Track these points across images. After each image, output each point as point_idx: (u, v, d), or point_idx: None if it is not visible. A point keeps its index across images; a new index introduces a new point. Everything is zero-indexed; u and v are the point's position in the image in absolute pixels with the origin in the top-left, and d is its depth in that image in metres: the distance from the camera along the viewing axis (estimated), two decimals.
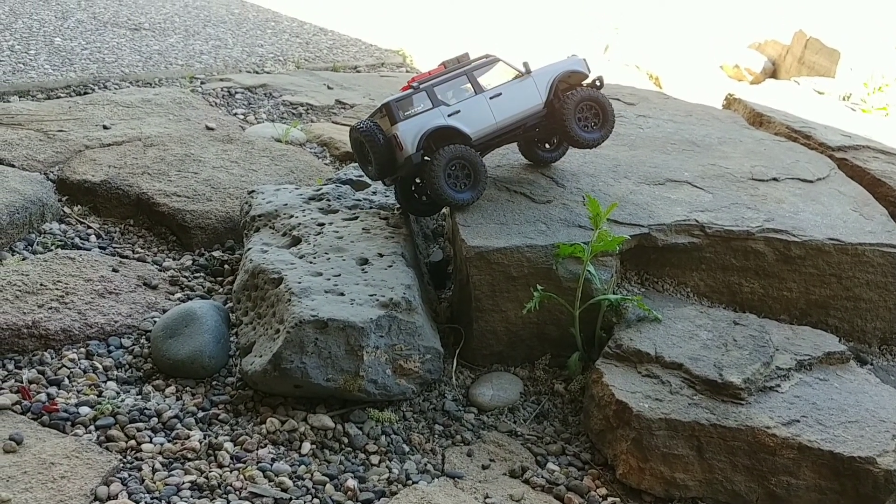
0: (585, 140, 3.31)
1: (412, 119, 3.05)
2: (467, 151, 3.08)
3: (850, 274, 3.27)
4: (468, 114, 3.13)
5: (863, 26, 7.13)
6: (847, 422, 2.62)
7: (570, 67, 3.33)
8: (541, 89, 3.25)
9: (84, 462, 2.43)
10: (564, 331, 3.01)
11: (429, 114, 3.07)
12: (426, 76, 3.20)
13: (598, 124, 3.33)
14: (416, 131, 3.04)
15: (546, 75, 3.27)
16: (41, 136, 4.24)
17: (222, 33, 6.89)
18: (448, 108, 3.10)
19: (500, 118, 3.19)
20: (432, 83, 3.13)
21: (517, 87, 3.22)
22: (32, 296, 3.05)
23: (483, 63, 3.23)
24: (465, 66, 3.21)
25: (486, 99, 3.16)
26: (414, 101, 3.08)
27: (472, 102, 3.15)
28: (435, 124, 3.07)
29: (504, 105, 3.19)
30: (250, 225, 3.35)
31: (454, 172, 3.09)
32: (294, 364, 2.64)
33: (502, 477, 2.64)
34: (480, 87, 3.18)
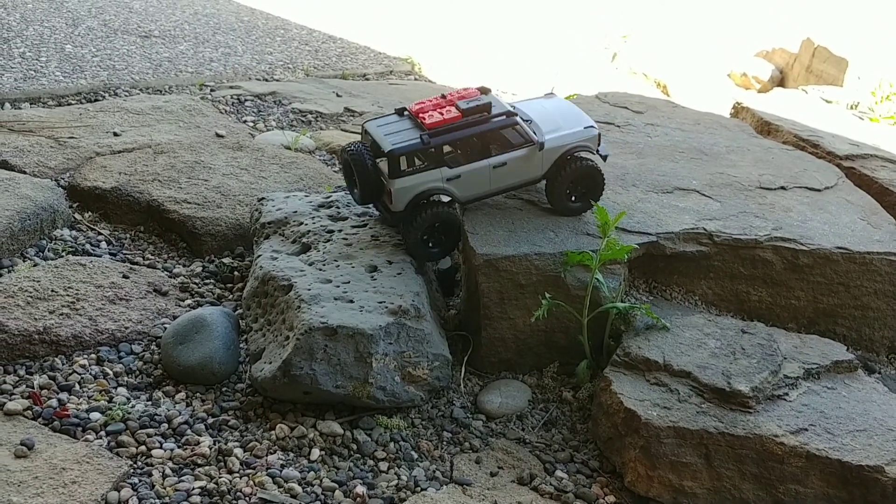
0: (571, 211, 3.20)
1: (410, 177, 2.94)
2: (450, 216, 3.05)
3: (858, 283, 3.27)
4: (467, 180, 3.02)
5: (871, 35, 7.13)
6: (855, 430, 2.62)
7: (582, 141, 3.16)
8: (545, 163, 3.12)
9: (95, 467, 2.44)
10: (573, 338, 3.02)
11: (428, 174, 2.96)
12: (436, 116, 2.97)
13: (586, 195, 3.18)
14: (410, 193, 2.96)
15: (555, 150, 3.11)
16: (52, 142, 4.27)
17: (232, 41, 6.92)
18: (449, 171, 2.99)
19: (496, 185, 3.11)
20: (444, 139, 2.95)
21: (524, 160, 3.08)
22: (43, 302, 3.07)
23: (500, 124, 3.02)
24: (481, 125, 2.98)
25: (489, 168, 3.03)
26: (418, 155, 2.97)
27: (474, 170, 3.02)
28: (431, 188, 2.98)
29: (504, 174, 3.08)
30: (260, 232, 3.37)
31: (433, 232, 3.08)
32: (303, 371, 2.65)
33: (510, 484, 2.65)
34: (488, 152, 3.03)
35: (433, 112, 2.99)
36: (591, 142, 3.18)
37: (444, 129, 2.95)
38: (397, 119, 3.06)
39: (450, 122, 2.96)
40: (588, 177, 3.16)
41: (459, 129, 2.97)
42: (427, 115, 2.98)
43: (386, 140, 2.94)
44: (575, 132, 3.16)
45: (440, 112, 2.99)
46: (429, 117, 2.96)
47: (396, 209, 2.99)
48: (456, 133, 2.96)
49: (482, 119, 3.00)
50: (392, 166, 2.92)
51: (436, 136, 2.93)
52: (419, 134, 2.94)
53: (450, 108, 3.00)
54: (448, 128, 2.96)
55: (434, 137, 2.93)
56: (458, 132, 2.97)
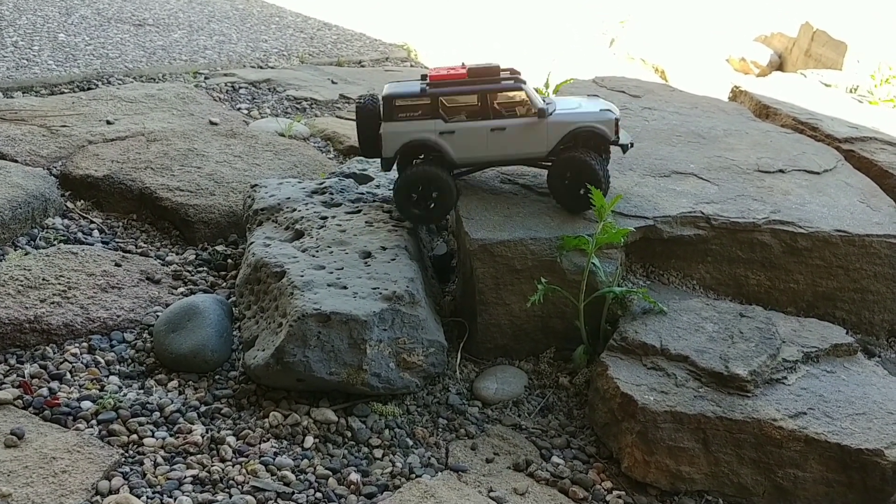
0: (570, 208, 3.11)
1: (402, 123, 2.95)
2: (440, 178, 2.99)
3: (858, 266, 3.24)
4: (461, 138, 2.98)
5: (870, 19, 7.08)
6: (854, 414, 2.59)
7: (592, 123, 3.03)
8: (551, 138, 3.02)
9: (85, 456, 2.42)
10: (569, 324, 2.99)
11: (421, 123, 2.95)
12: (444, 75, 2.99)
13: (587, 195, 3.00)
14: (399, 139, 2.96)
15: (562, 125, 3.01)
16: (44, 131, 4.23)
17: (226, 28, 6.88)
18: (444, 123, 2.96)
19: (494, 152, 3.04)
20: (442, 90, 2.96)
21: (525, 129, 3.00)
22: (35, 290, 3.04)
23: (504, 87, 2.98)
24: (485, 84, 2.96)
25: (487, 130, 2.98)
26: (414, 102, 2.96)
27: (470, 128, 2.97)
28: (421, 137, 2.96)
29: (504, 142, 3.00)
30: (253, 219, 3.34)
31: (421, 192, 3.03)
32: (297, 358, 2.62)
33: (506, 470, 2.62)
34: (488, 113, 2.98)
35: (442, 70, 3.03)
36: (605, 125, 3.04)
37: (444, 82, 2.97)
38: (416, 80, 3.10)
39: (453, 77, 2.98)
40: (586, 172, 3.02)
41: (460, 85, 2.98)
42: (436, 71, 3.03)
43: (389, 88, 2.99)
44: (587, 112, 3.07)
45: (447, 71, 3.02)
46: (435, 72, 3.01)
47: (385, 154, 3.00)
48: (455, 87, 2.98)
49: (487, 80, 2.99)
50: (385, 110, 2.95)
51: (434, 87, 2.96)
52: (421, 85, 2.98)
53: (458, 70, 3.03)
54: (449, 82, 2.98)
55: (433, 88, 2.96)
56: (458, 87, 2.98)
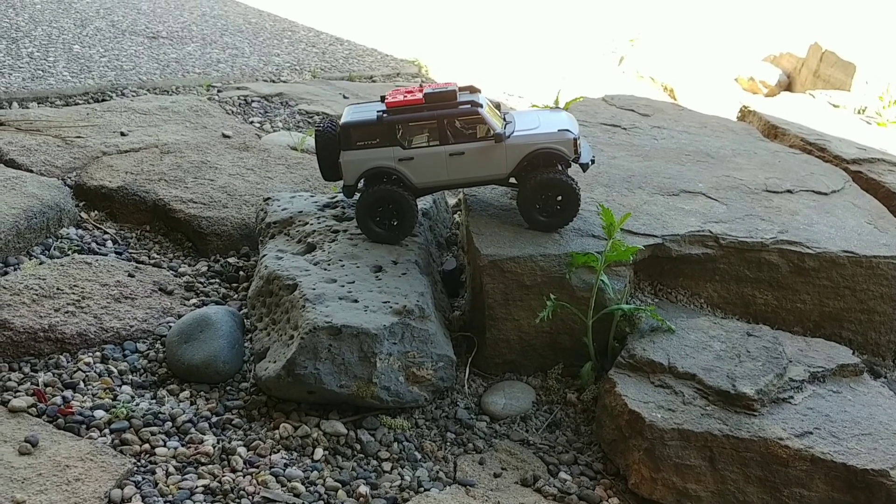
0: (541, 225, 3.10)
1: (361, 152, 2.97)
2: (398, 195, 3.02)
3: (865, 286, 3.26)
4: (420, 164, 3.00)
5: (879, 40, 7.11)
6: (860, 434, 2.61)
7: (550, 144, 3.02)
8: (510, 160, 3.02)
9: (98, 465, 2.45)
10: (577, 340, 3.02)
11: (379, 151, 2.97)
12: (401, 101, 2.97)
13: (560, 209, 3.08)
14: (359, 167, 2.99)
15: (520, 147, 3.00)
16: (59, 142, 4.28)
17: (239, 42, 6.94)
18: (403, 150, 2.98)
19: (453, 176, 3.05)
20: (398, 118, 2.95)
21: (483, 153, 2.99)
22: (49, 300, 3.08)
23: (461, 112, 2.97)
24: (441, 110, 2.96)
25: (445, 155, 2.99)
26: (372, 130, 2.96)
27: (428, 154, 2.99)
28: (380, 165, 2.99)
29: (463, 166, 3.01)
30: (265, 232, 3.37)
31: (383, 212, 3.08)
32: (308, 370, 2.65)
33: (514, 485, 2.64)
34: (446, 138, 2.98)
35: (399, 95, 3.03)
36: (563, 145, 3.02)
37: (400, 109, 2.97)
38: (374, 103, 3.10)
39: (409, 103, 2.97)
40: (560, 188, 3.03)
41: (417, 111, 2.97)
42: (392, 96, 3.02)
43: (347, 115, 3.02)
44: (544, 133, 3.04)
45: (405, 95, 3.02)
46: (392, 98, 3.01)
47: (347, 182, 3.04)
48: (411, 114, 2.97)
49: (443, 105, 2.97)
50: (343, 138, 2.97)
51: (391, 114, 2.96)
52: (377, 111, 2.98)
53: (417, 93, 3.02)
54: (405, 109, 2.97)
55: (389, 115, 2.95)
56: (414, 114, 2.97)
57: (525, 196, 3.07)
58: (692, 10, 9.17)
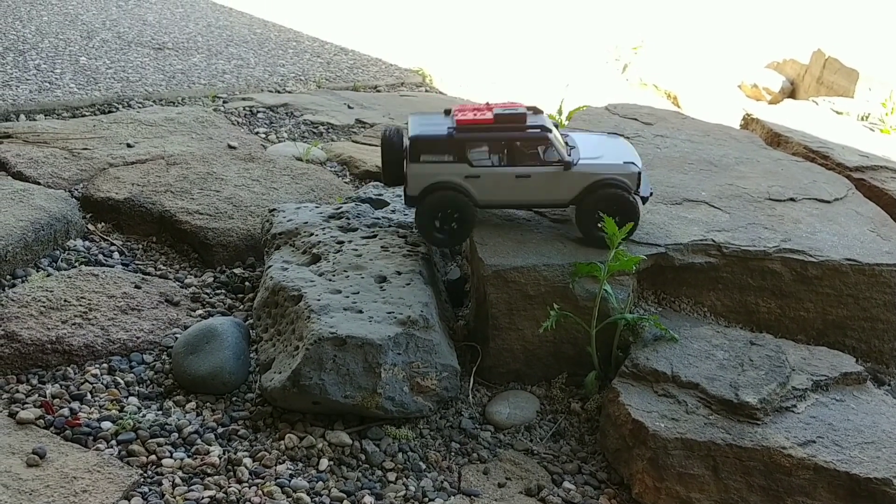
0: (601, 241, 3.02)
1: (428, 165, 3.00)
2: (462, 202, 3.05)
3: (868, 294, 3.27)
4: (486, 182, 3.03)
5: (882, 47, 7.12)
6: (864, 443, 2.62)
7: (615, 175, 3.07)
8: (573, 187, 3.06)
9: (105, 476, 2.47)
10: (581, 350, 3.03)
11: (447, 167, 3.01)
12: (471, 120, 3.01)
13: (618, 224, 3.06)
14: (425, 181, 3.03)
15: (586, 176, 3.05)
16: (66, 154, 4.31)
17: (244, 53, 6.97)
18: (470, 168, 3.01)
19: (517, 197, 3.10)
20: (469, 136, 2.99)
21: (549, 178, 3.04)
22: (56, 312, 3.10)
23: (530, 136, 3.02)
24: (512, 133, 3.00)
25: (512, 176, 3.03)
26: (441, 145, 3.00)
27: (496, 174, 3.02)
28: (447, 181, 3.02)
29: (527, 188, 3.05)
30: (271, 243, 3.40)
31: (443, 216, 3.10)
32: (313, 380, 2.67)
33: (518, 495, 2.65)
34: (514, 159, 3.02)
35: (469, 112, 3.06)
36: (627, 178, 3.07)
37: (471, 127, 3.01)
38: (441, 117, 3.14)
39: (480, 122, 3.01)
40: (617, 202, 3.06)
41: (487, 131, 3.01)
42: (462, 113, 3.06)
43: (415, 127, 3.04)
44: (610, 164, 3.10)
45: (475, 113, 3.05)
46: (462, 115, 3.04)
47: (410, 193, 3.06)
48: (482, 134, 3.01)
49: (513, 128, 3.02)
50: (412, 151, 3.00)
51: (461, 132, 3.00)
52: (447, 127, 3.01)
53: (487, 112, 3.06)
54: (476, 127, 3.01)
55: (459, 132, 2.99)
56: (484, 133, 3.01)
57: (585, 211, 3.09)
58: (696, 17, 9.19)
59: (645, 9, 9.62)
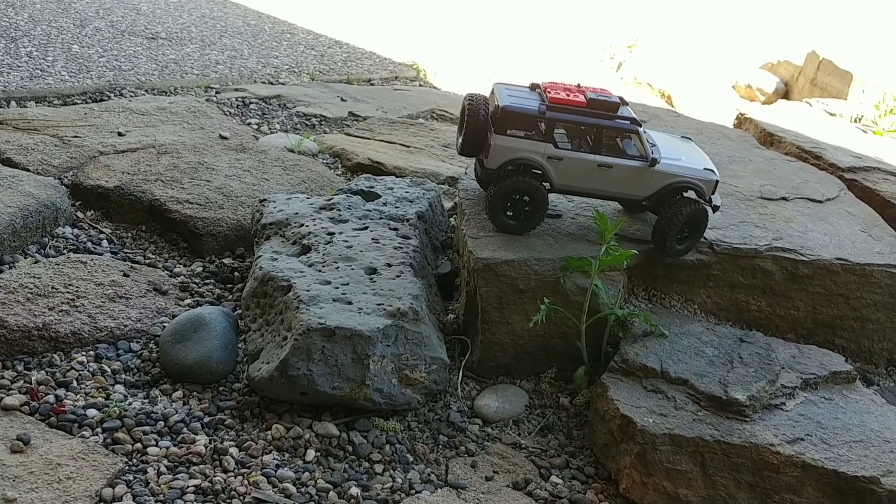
0: (675, 252, 3.15)
1: (513, 139, 2.93)
2: (536, 189, 2.99)
3: (858, 294, 3.28)
4: (567, 166, 2.96)
5: (876, 49, 7.14)
6: (851, 441, 2.62)
7: (694, 179, 3.06)
8: (652, 185, 3.04)
9: (90, 464, 2.45)
10: (571, 344, 3.02)
11: (531, 143, 2.94)
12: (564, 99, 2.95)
13: (688, 237, 3.13)
14: (507, 154, 2.94)
15: (666, 176, 3.03)
16: (57, 141, 4.28)
17: (238, 44, 6.94)
18: (553, 149, 2.94)
19: (595, 186, 3.05)
20: (561, 116, 2.93)
21: (631, 172, 3.01)
22: (44, 298, 3.08)
23: (621, 127, 2.99)
24: (602, 120, 2.96)
25: (594, 164, 2.97)
26: (530, 121, 2.94)
27: (578, 159, 2.96)
28: (529, 158, 2.95)
29: (606, 178, 3.01)
30: (261, 233, 3.38)
31: (516, 201, 3.04)
32: (301, 371, 2.65)
33: (505, 489, 2.65)
34: (599, 147, 2.99)
35: (561, 91, 3.00)
36: (705, 184, 3.07)
37: (563, 107, 2.94)
38: (527, 91, 3.08)
39: (573, 104, 2.96)
40: (697, 222, 3.10)
41: (579, 114, 2.96)
42: (554, 91, 2.99)
43: (504, 97, 2.96)
44: (692, 168, 3.08)
45: (567, 93, 2.99)
46: (554, 93, 2.97)
47: (489, 165, 2.98)
48: (573, 116, 2.95)
49: (605, 115, 2.98)
50: (499, 121, 2.93)
51: (552, 111, 2.94)
52: (539, 103, 2.95)
53: (579, 94, 3.00)
54: (568, 108, 2.95)
55: (550, 111, 2.93)
56: (576, 116, 2.95)
57: (664, 223, 3.07)
58: (691, 17, 9.20)
59: (640, 8, 9.63)
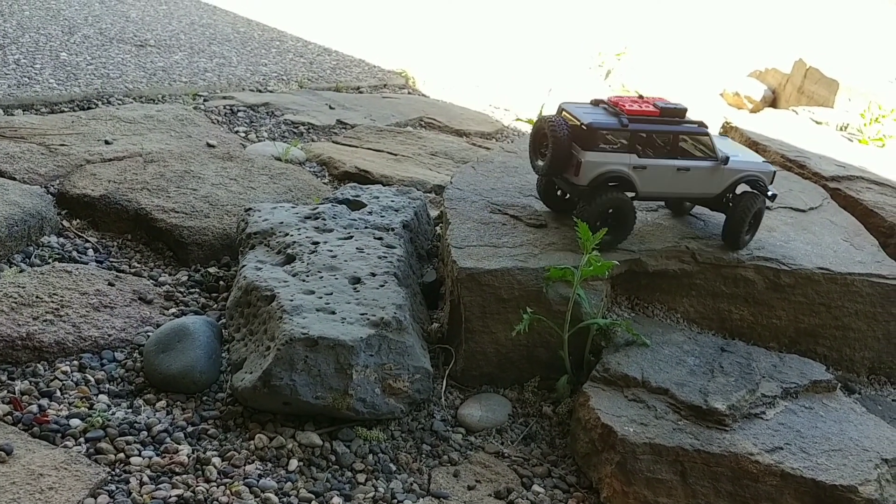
0: (744, 244, 3.31)
1: (602, 154, 3.02)
2: (625, 202, 3.09)
3: (840, 303, 3.30)
4: (651, 174, 3.08)
5: (862, 57, 7.19)
6: (831, 450, 2.64)
7: (757, 172, 3.25)
8: (723, 182, 3.21)
9: (72, 474, 2.45)
10: (554, 353, 3.04)
11: (618, 156, 3.03)
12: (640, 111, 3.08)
13: (750, 229, 3.31)
14: (599, 168, 3.02)
15: (734, 172, 3.20)
16: (43, 149, 4.28)
17: (227, 51, 6.95)
18: (637, 159, 3.05)
19: (674, 189, 3.20)
20: (643, 127, 3.05)
21: (706, 172, 3.16)
22: (28, 308, 3.08)
23: (693, 130, 3.15)
24: (675, 126, 3.11)
25: (674, 169, 3.11)
26: (616, 135, 3.05)
27: (660, 166, 3.09)
28: (618, 171, 3.04)
29: (686, 181, 3.16)
30: (246, 242, 3.39)
31: (606, 216, 3.11)
32: (283, 381, 2.66)
33: (487, 498, 2.65)
34: (677, 153, 3.12)
35: (630, 104, 3.11)
36: (766, 176, 3.26)
37: (641, 118, 3.06)
38: (592, 106, 3.18)
39: (647, 114, 3.08)
40: (760, 213, 3.28)
41: (655, 123, 3.09)
42: (626, 104, 3.10)
43: (586, 116, 3.05)
44: (754, 162, 3.28)
45: (638, 105, 3.11)
46: (628, 106, 3.09)
47: (580, 182, 3.05)
48: (651, 126, 3.07)
49: (677, 121, 3.11)
50: (588, 139, 3.01)
51: (633, 123, 3.04)
52: (618, 117, 3.04)
53: (647, 105, 3.12)
54: (645, 119, 3.07)
55: (632, 123, 3.03)
56: (653, 125, 3.08)
57: (737, 218, 3.23)
58: (680, 25, 9.24)
59: (629, 16, 9.67)
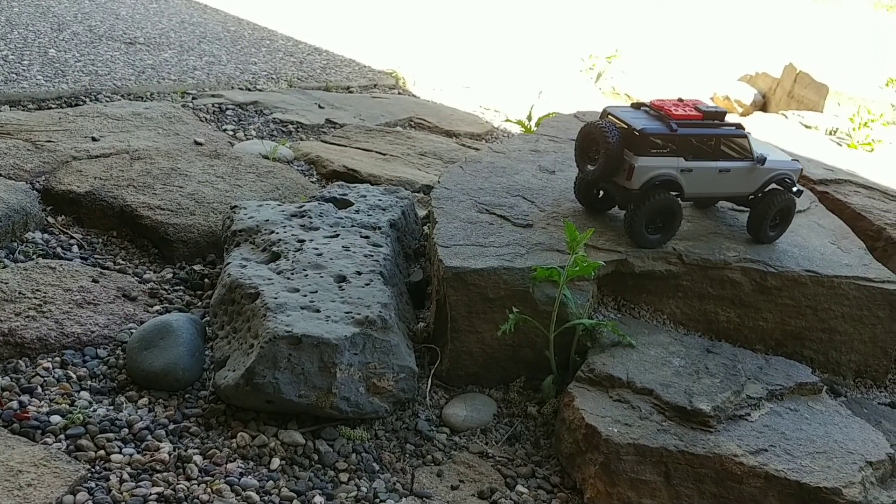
0: (769, 239, 3.41)
1: (653, 158, 3.08)
2: (673, 204, 3.15)
3: (826, 306, 3.30)
4: (696, 176, 3.16)
5: (852, 63, 7.21)
6: (815, 452, 2.63)
7: (788, 171, 3.33)
8: (758, 181, 3.30)
9: (52, 471, 2.43)
10: (539, 354, 3.02)
11: (668, 160, 3.11)
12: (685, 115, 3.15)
13: (778, 224, 3.41)
14: (650, 172, 3.08)
15: (768, 171, 3.29)
16: (29, 145, 4.26)
17: (217, 50, 6.93)
18: (685, 162, 3.12)
19: (716, 190, 3.30)
20: (690, 131, 3.12)
21: (744, 172, 3.25)
22: (10, 304, 3.05)
23: (735, 133, 3.23)
24: (720, 129, 3.19)
25: (716, 170, 3.19)
26: (666, 139, 3.10)
27: (704, 168, 3.17)
28: (667, 174, 3.10)
29: (727, 181, 3.25)
30: (231, 240, 3.37)
31: (654, 218, 3.17)
32: (266, 379, 2.64)
33: (471, 498, 2.64)
34: (719, 155, 3.20)
35: (675, 108, 3.18)
36: (795, 174, 3.36)
37: (688, 122, 3.14)
38: (635, 110, 3.25)
39: (692, 118, 3.16)
40: (787, 209, 3.37)
41: (700, 126, 3.17)
42: (671, 108, 3.16)
43: (636, 122, 3.11)
44: (785, 161, 3.37)
45: (682, 109, 3.18)
46: (674, 110, 3.16)
47: (632, 186, 3.10)
48: (697, 129, 3.15)
49: (719, 124, 3.20)
50: (640, 144, 3.06)
51: (682, 127, 3.10)
52: (667, 122, 3.10)
53: (689, 108, 3.20)
54: (691, 122, 3.14)
55: (681, 127, 3.10)
56: (699, 129, 3.16)
57: (761, 213, 3.33)
58: (671, 29, 9.26)
59: (620, 19, 9.68)
